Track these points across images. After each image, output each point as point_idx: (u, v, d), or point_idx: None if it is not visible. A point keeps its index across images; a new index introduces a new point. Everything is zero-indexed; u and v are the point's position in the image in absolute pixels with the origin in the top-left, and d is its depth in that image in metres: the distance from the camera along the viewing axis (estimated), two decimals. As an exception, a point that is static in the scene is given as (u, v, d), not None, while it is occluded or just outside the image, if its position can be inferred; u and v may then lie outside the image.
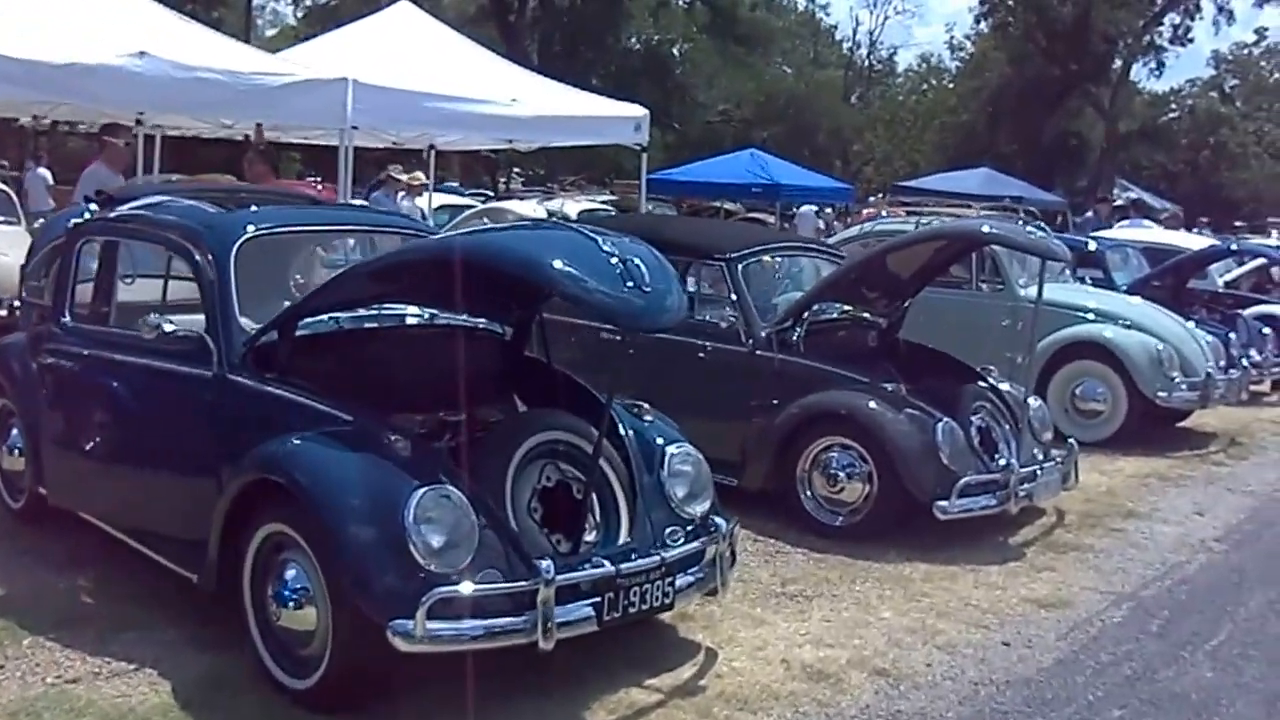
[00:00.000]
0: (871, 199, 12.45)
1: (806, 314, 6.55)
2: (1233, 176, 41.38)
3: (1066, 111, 37.67)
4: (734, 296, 6.65)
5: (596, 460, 3.98)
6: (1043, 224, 10.42)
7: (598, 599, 3.65)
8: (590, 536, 4.01)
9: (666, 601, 3.86)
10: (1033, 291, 9.27)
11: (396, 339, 4.45)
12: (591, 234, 3.63)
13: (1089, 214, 17.23)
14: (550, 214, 14.85)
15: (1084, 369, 8.96)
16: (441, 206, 15.14)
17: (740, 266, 6.69)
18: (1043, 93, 36.30)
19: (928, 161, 37.85)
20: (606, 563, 3.73)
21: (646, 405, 4.67)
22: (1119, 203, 24.88)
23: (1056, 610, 5.05)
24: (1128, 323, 9.09)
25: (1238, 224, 30.17)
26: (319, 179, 21.33)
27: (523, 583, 3.51)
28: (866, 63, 49.15)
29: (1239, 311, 12.04)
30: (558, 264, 3.50)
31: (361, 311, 4.31)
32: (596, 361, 6.57)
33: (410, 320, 4.52)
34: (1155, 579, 5.68)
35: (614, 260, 3.54)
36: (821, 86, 38.05)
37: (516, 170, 35.53)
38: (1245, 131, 43.11)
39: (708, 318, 6.58)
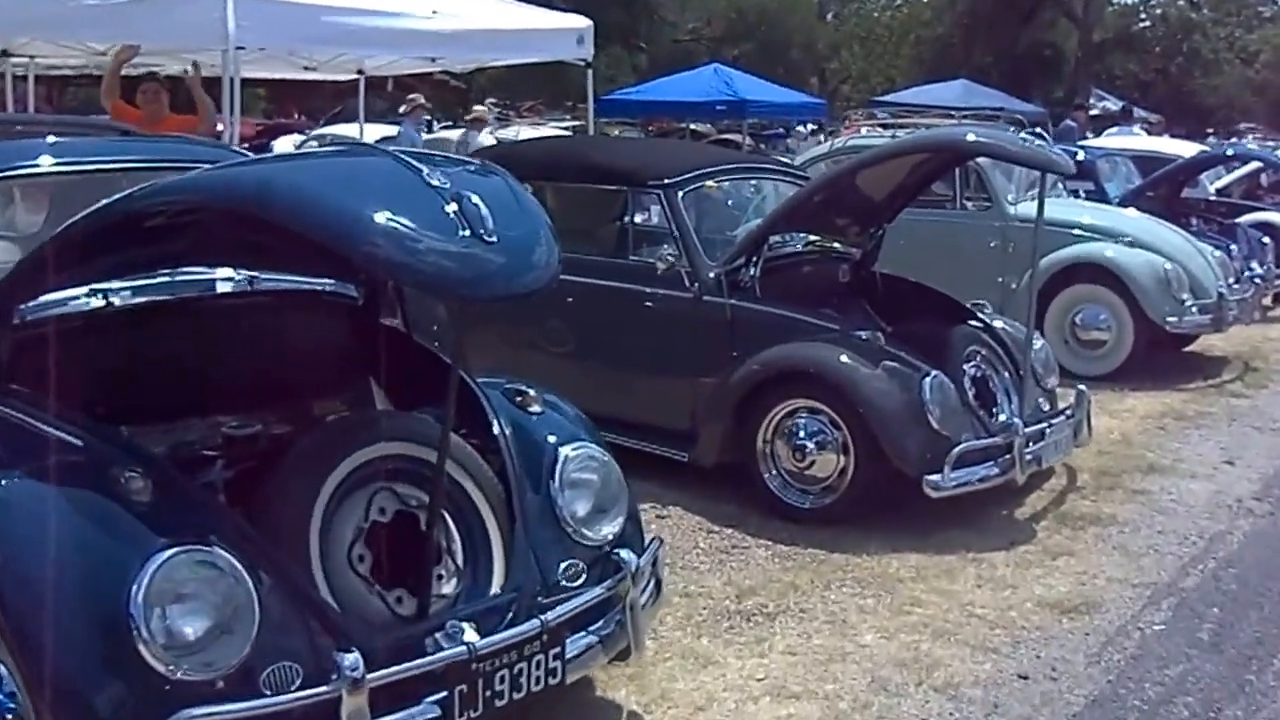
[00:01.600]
0: (854, 115, 11.22)
1: (762, 249, 5.42)
2: (1205, 83, 40.21)
3: (1040, 22, 36.28)
4: (675, 231, 5.51)
5: (440, 476, 2.86)
6: (1040, 130, 9.32)
7: (445, 693, 2.56)
8: (449, 587, 2.92)
9: (553, 681, 2.75)
10: (1023, 209, 8.27)
11: (185, 317, 3.29)
12: (411, 162, 2.49)
13: (1067, 122, 16.08)
14: (500, 142, 13.68)
15: (1084, 294, 7.90)
16: (382, 139, 13.78)
17: (680, 194, 5.54)
18: (1016, 3, 34.89)
19: (904, 77, 36.54)
20: (466, 628, 2.63)
21: (532, 391, 3.54)
22: (1096, 112, 23.71)
23: (1082, 618, 4.01)
24: (1129, 239, 8.01)
25: (1209, 131, 28.90)
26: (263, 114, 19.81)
27: (319, 690, 2.41)
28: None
29: (1236, 221, 10.99)
30: (379, 220, 2.36)
31: (142, 281, 3.15)
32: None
33: (223, 288, 3.37)
34: (1195, 560, 4.66)
35: (443, 201, 2.40)
36: (794, 3, 36.32)
37: (492, 100, 33.96)
38: (1217, 37, 41.87)
39: (645, 258, 5.44)
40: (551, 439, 3.41)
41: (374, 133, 14.97)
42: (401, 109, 11.94)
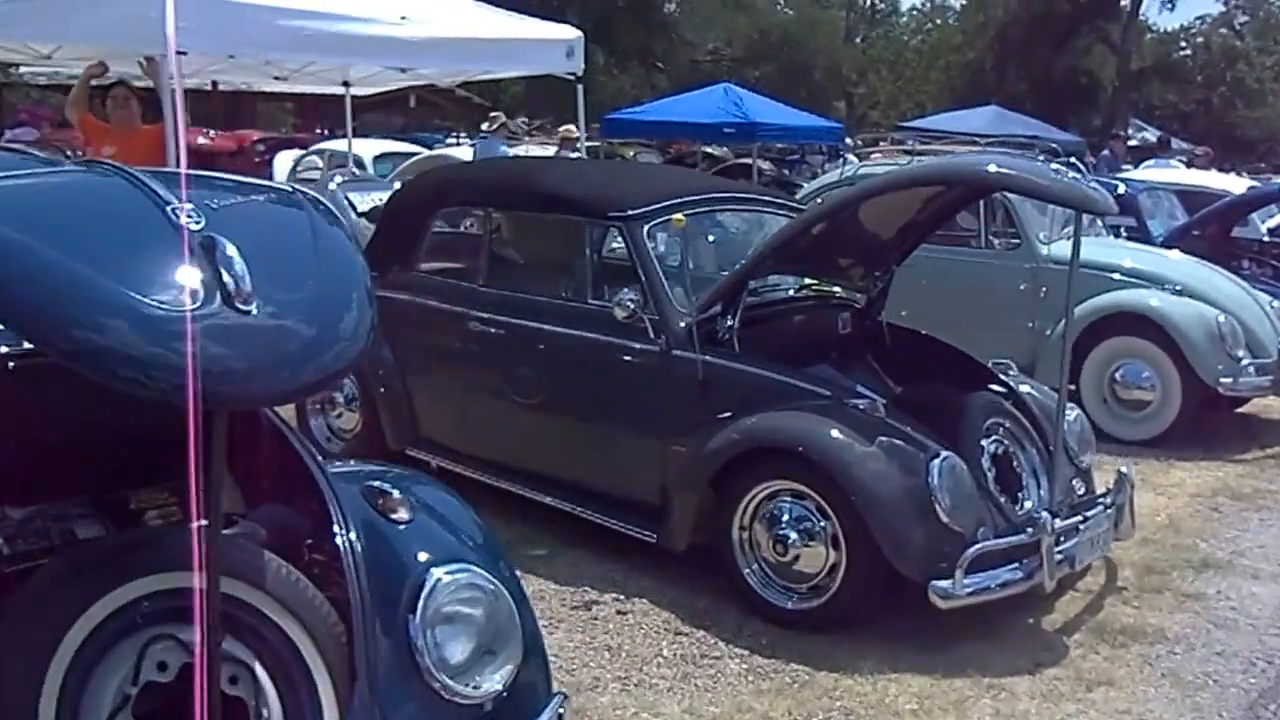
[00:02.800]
0: (882, 142, 10.39)
1: (742, 295, 4.57)
2: (1248, 114, 39.06)
3: (1076, 48, 35.28)
4: (639, 272, 4.67)
5: (207, 637, 1.99)
6: (1075, 161, 8.41)
7: None
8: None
9: None
10: (1058, 249, 7.38)
11: None
12: (155, 190, 1.64)
13: (1104, 153, 15.18)
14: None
15: (1124, 347, 6.98)
16: (382, 154, 13.07)
17: (644, 227, 4.70)
18: (1051, 28, 33.94)
19: (934, 103, 35.70)
20: None
21: (397, 491, 2.69)
22: (1134, 143, 22.71)
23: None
24: (1176, 286, 7.08)
25: (1260, 165, 27.72)
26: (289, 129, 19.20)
27: None
28: (868, 3, 46.73)
29: (1292, 264, 10.04)
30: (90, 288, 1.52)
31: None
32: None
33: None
34: (1265, 697, 3.74)
35: (185, 247, 1.57)
36: (818, 24, 35.43)
37: (524, 119, 33.23)
38: (1262, 66, 40.75)
39: (606, 302, 4.58)
40: (422, 557, 2.57)
41: (369, 149, 14.25)
42: (485, 126, 11.35)
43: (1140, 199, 9.93)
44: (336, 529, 2.49)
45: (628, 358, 4.68)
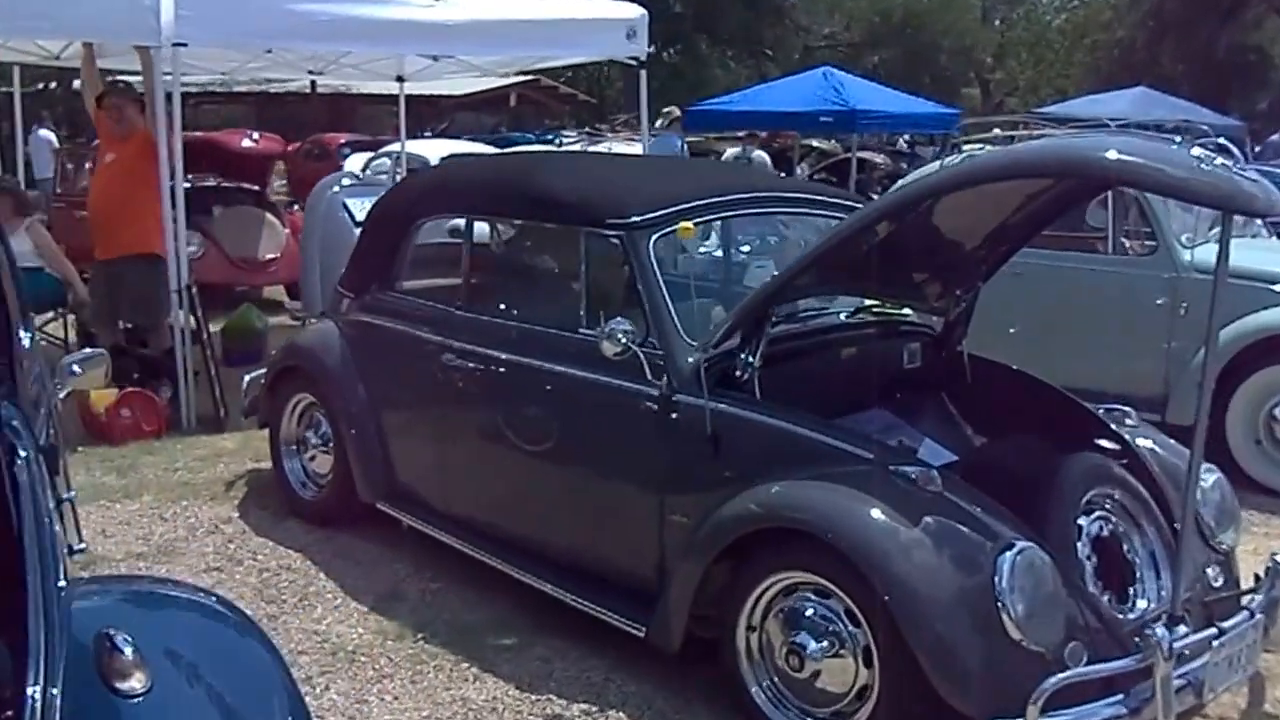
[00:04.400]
0: (996, 129, 9.15)
1: (765, 324, 3.56)
2: None
3: (1244, 21, 32.23)
4: (641, 295, 3.71)
5: None
6: (1227, 144, 7.10)
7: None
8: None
9: None
10: (1204, 254, 6.10)
11: None
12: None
13: (1273, 137, 13.46)
14: None
15: (1286, 377, 5.68)
16: (450, 156, 12.38)
17: (651, 239, 3.73)
18: (1215, 0, 31.13)
19: (1077, 88, 33.30)
20: None
21: (123, 646, 1.82)
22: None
23: None
24: (1356, 302, 5.74)
25: None
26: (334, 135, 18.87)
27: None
28: (1008, -19, 44.28)
29: None
30: None
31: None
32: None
33: None
34: None
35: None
36: (949, 4, 33.18)
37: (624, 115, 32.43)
38: None
39: (600, 333, 3.63)
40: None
41: (436, 149, 13.54)
42: (659, 123, 10.73)
43: (1310, 189, 8.46)
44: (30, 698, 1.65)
45: (622, 403, 3.73)
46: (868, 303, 4.30)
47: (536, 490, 4.07)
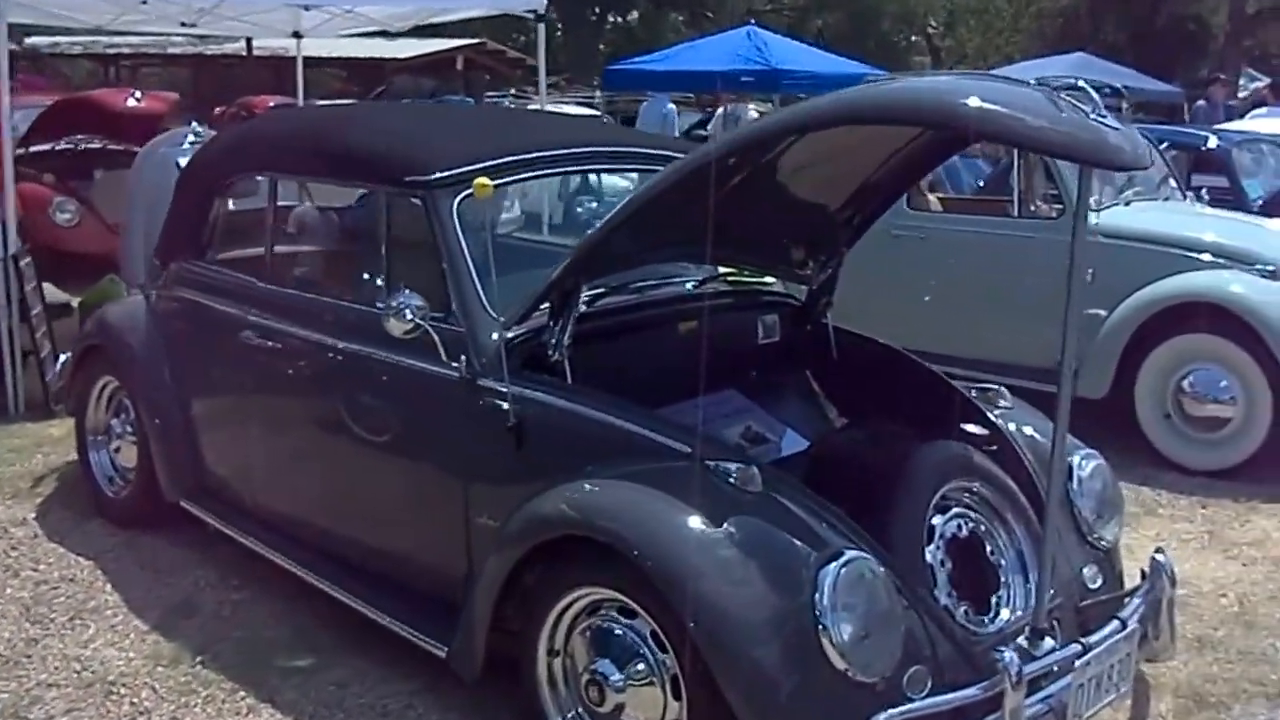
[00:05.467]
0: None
1: (576, 294, 3.07)
2: (1375, 62, 35.51)
3: (1182, -10, 32.17)
4: (445, 264, 3.21)
5: None
6: (1112, 91, 6.78)
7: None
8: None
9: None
10: (1112, 218, 5.71)
11: None
12: None
13: (1200, 102, 13.16)
14: None
15: (1198, 348, 5.29)
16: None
17: (453, 201, 3.22)
18: (1155, -32, 30.94)
19: (1024, 54, 33.09)
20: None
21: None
22: (1245, 94, 20.19)
23: None
24: (1270, 267, 5.34)
25: None
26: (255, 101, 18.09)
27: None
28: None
29: None
30: None
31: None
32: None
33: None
34: None
35: None
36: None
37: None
38: (1395, 8, 36.97)
39: (387, 308, 3.11)
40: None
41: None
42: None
43: (1235, 154, 8.11)
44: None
45: (422, 388, 3.24)
46: (722, 271, 3.85)
47: (339, 488, 3.58)
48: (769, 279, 3.93)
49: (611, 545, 2.61)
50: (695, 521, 2.58)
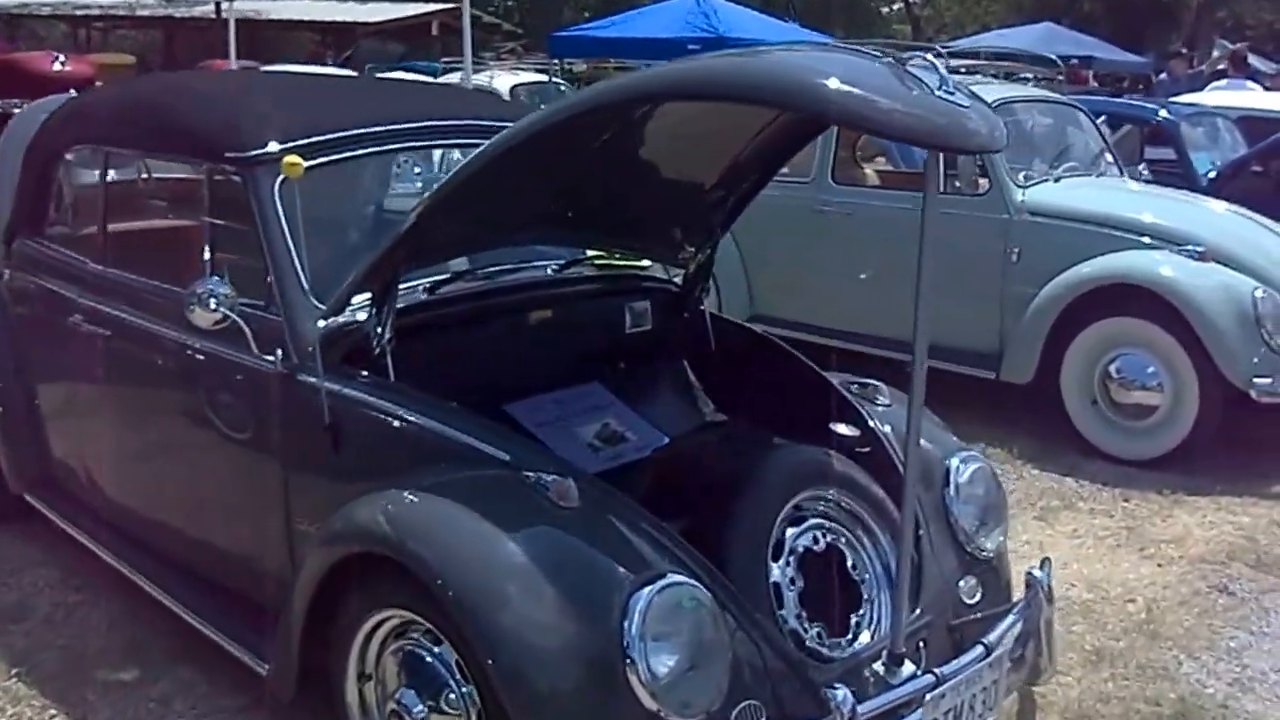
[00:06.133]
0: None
1: (396, 280, 2.78)
2: (1355, 34, 35.23)
3: (1157, -40, 31.88)
4: (263, 244, 2.92)
5: None
6: (935, 61, 6.50)
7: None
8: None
9: None
10: (1038, 195, 5.46)
11: None
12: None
13: (1161, 76, 12.90)
14: (478, 89, 11.21)
15: (1124, 332, 5.05)
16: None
17: (274, 178, 2.92)
18: (1131, -62, 30.64)
19: (1001, 23, 32.84)
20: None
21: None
22: (1222, 66, 19.88)
23: None
24: (1200, 249, 5.06)
25: None
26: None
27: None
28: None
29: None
30: None
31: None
32: None
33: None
34: None
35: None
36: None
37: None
38: (1367, -23, 36.64)
39: (190, 296, 2.81)
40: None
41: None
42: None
43: (1183, 127, 7.85)
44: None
45: (241, 381, 2.96)
46: (591, 255, 3.56)
47: (169, 488, 3.32)
48: (645, 262, 3.65)
49: (401, 561, 2.34)
50: (502, 542, 2.31)
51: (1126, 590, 3.80)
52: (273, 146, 2.94)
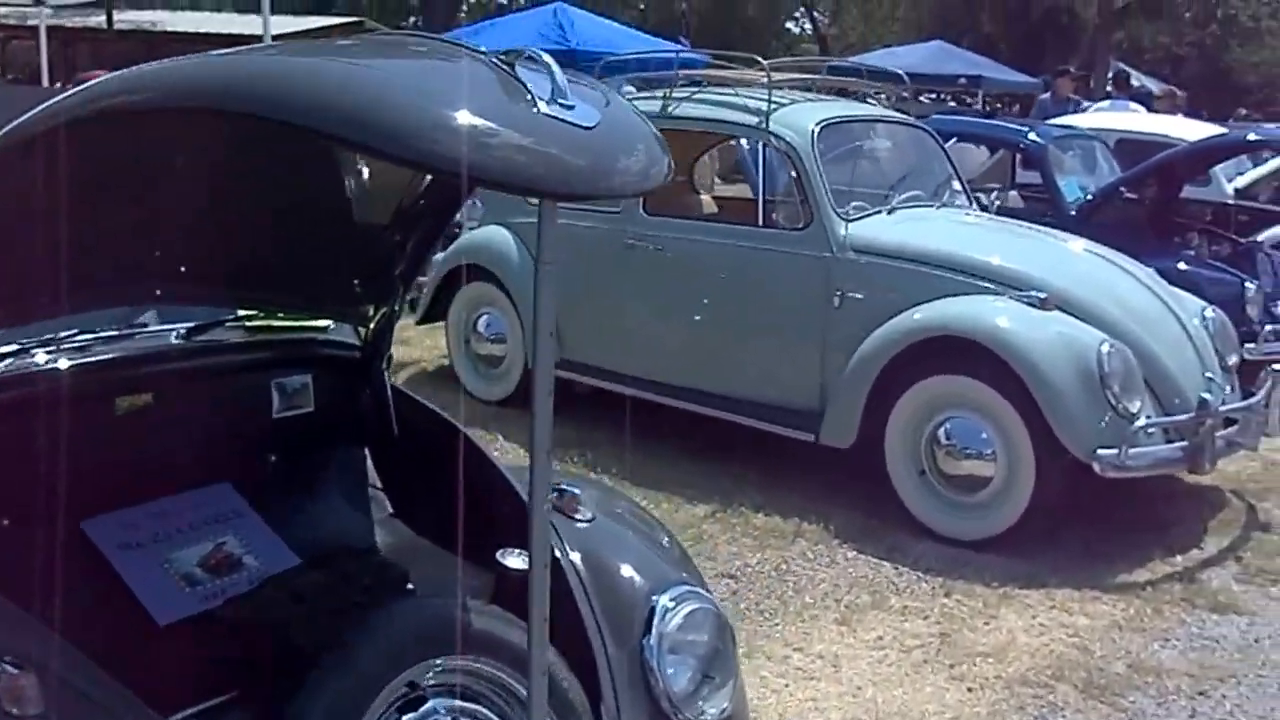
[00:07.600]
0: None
1: None
2: (1243, 57, 35.99)
3: (1056, -16, 32.17)
4: None
5: None
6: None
7: None
8: None
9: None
10: (864, 229, 4.78)
11: None
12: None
13: (1043, 96, 12.57)
14: None
15: (953, 392, 4.36)
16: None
17: None
18: (1028, -39, 30.88)
19: (901, 43, 32.90)
20: None
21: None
22: (1116, 71, 19.64)
23: None
24: (1042, 295, 4.40)
25: (1243, 111, 23.86)
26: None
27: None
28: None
29: (1256, 239, 7.47)
30: None
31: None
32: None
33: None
34: None
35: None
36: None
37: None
38: (1259, 3, 37.50)
39: None
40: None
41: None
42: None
43: (1050, 150, 7.32)
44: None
45: None
46: (246, 314, 2.77)
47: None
48: (324, 323, 2.86)
49: None
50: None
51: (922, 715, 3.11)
52: None
